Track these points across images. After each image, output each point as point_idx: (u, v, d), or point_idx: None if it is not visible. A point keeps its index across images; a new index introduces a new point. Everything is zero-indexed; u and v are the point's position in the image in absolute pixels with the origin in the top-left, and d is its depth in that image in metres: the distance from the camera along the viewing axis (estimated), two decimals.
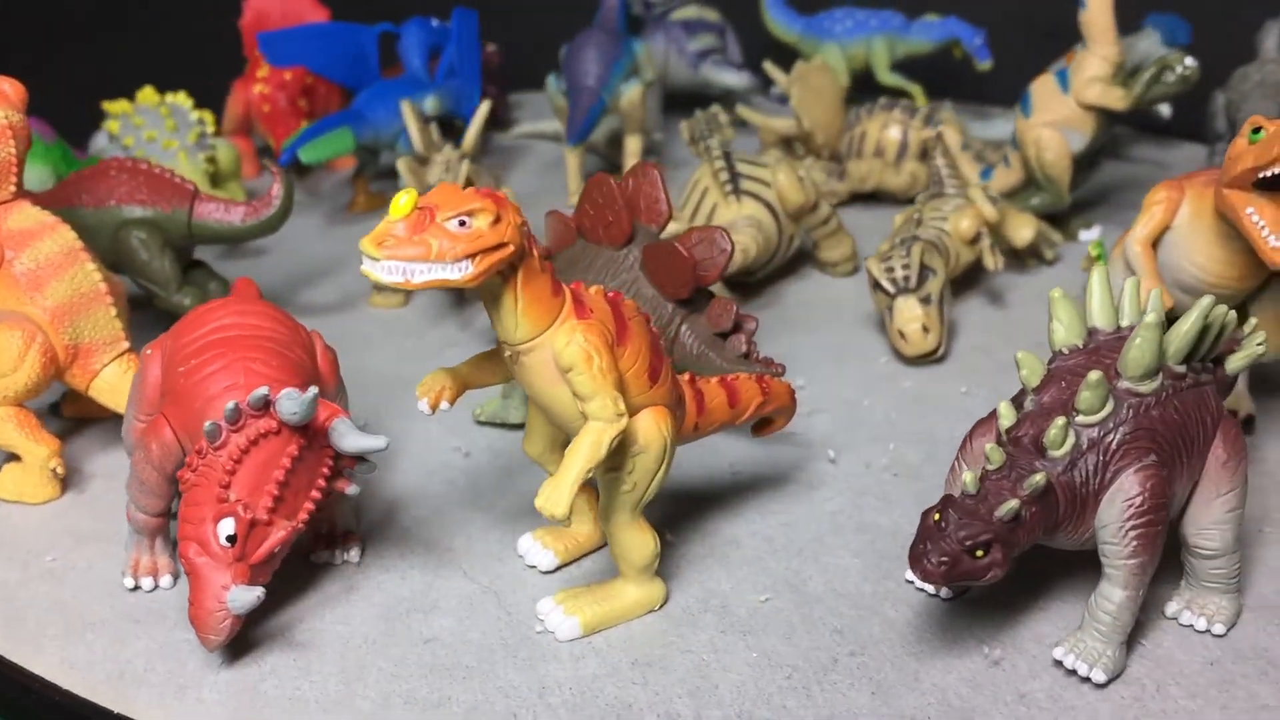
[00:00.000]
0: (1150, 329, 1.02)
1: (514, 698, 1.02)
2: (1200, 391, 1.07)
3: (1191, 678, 1.04)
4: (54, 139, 1.77)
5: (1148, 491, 1.01)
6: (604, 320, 1.01)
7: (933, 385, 1.51)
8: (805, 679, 1.04)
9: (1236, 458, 1.07)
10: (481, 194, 0.94)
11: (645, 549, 1.09)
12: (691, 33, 2.40)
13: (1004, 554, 0.99)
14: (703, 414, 1.13)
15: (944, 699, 1.02)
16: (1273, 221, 1.21)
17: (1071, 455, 1.02)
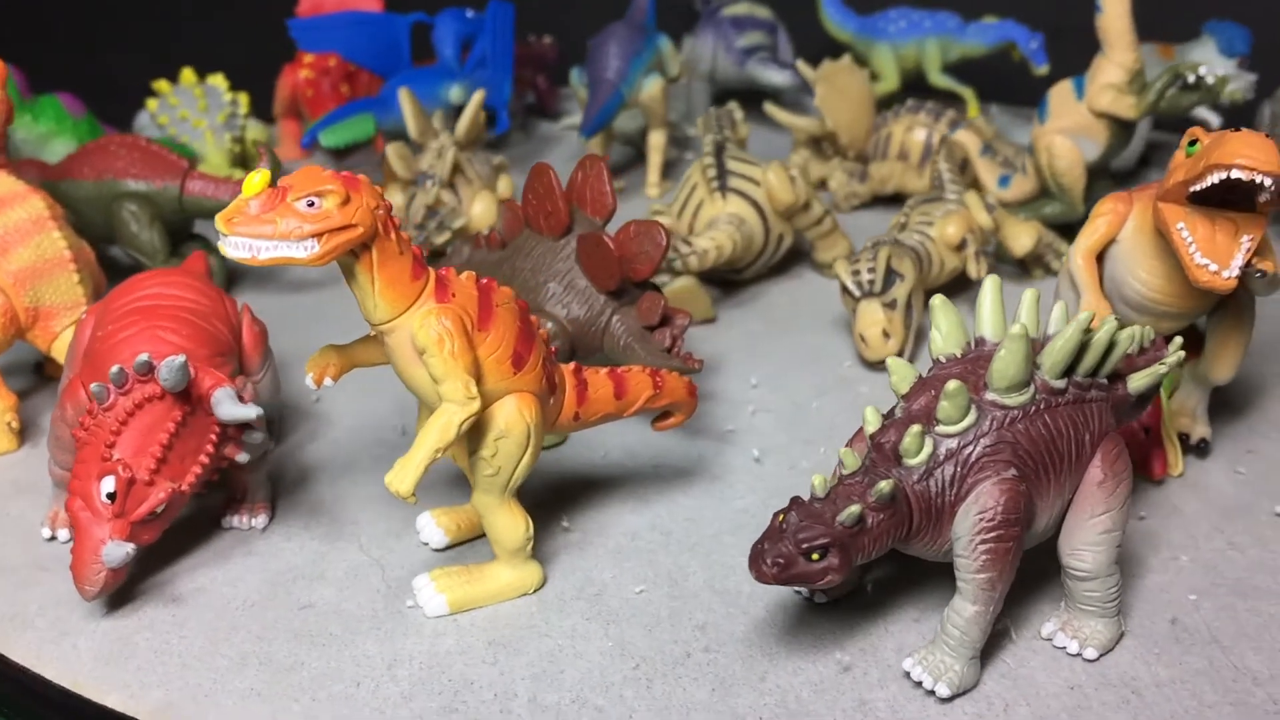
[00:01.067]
0: (1016, 341, 0.99)
1: (364, 667, 1.05)
2: (1083, 408, 1.04)
3: (1045, 700, 1.01)
4: (83, 114, 1.86)
5: (1000, 506, 0.99)
6: (465, 306, 1.03)
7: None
8: (651, 671, 1.04)
9: (1114, 479, 1.04)
10: (334, 176, 0.97)
11: (516, 532, 1.11)
12: (740, 29, 2.40)
13: (842, 559, 0.98)
14: (584, 404, 1.14)
15: (782, 700, 1.01)
16: (1204, 239, 1.16)
17: (928, 464, 1.00)
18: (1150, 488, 1.29)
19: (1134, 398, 1.11)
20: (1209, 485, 1.29)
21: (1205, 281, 1.15)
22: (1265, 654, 1.06)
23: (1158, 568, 1.17)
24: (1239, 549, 1.19)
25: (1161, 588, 1.14)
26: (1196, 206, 1.17)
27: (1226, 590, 1.14)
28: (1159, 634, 1.09)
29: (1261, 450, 1.35)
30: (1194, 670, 1.04)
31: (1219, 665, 1.05)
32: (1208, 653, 1.06)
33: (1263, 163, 1.10)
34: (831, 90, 2.02)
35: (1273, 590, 1.13)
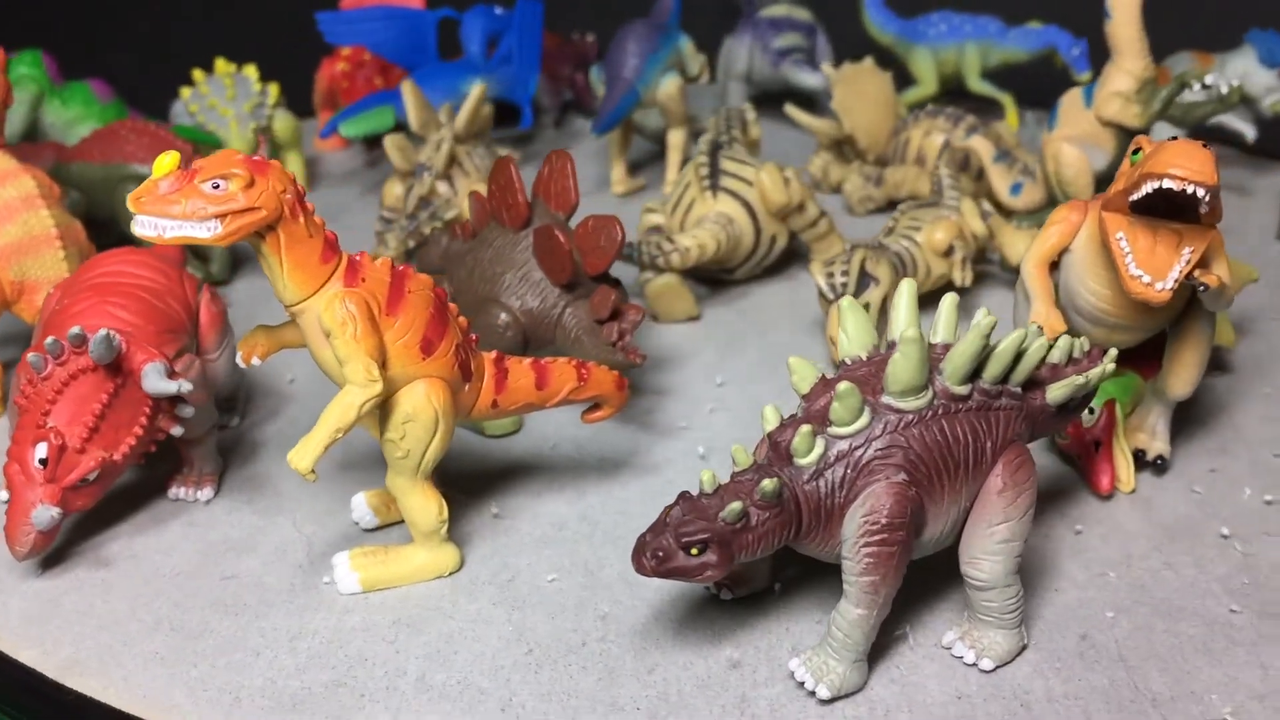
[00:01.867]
0: (909, 345, 0.99)
1: (267, 638, 1.08)
2: (987, 416, 1.03)
3: (929, 708, 1.00)
4: (111, 100, 1.93)
5: (886, 509, 0.98)
6: (374, 291, 1.06)
7: None
8: (543, 657, 1.06)
9: (1015, 489, 1.02)
10: (242, 161, 1.00)
11: (428, 515, 1.13)
12: (778, 31, 2.39)
13: (722, 556, 0.98)
14: (502, 392, 1.16)
15: (664, 693, 1.02)
16: (1143, 250, 1.13)
17: (818, 465, 1.00)
18: (1095, 502, 1.26)
19: (1053, 408, 1.10)
20: (1160, 503, 1.26)
21: (1138, 293, 1.12)
22: (1171, 676, 1.03)
23: (1083, 583, 1.15)
24: (1174, 569, 1.16)
25: (1081, 603, 1.12)
26: (1140, 217, 1.14)
27: (1149, 610, 1.11)
28: (1065, 649, 1.07)
29: (1227, 470, 1.32)
30: (1092, 687, 1.02)
31: (1119, 684, 1.03)
32: (1111, 671, 1.04)
33: (1195, 173, 1.07)
34: (850, 92, 2.01)
35: (1197, 613, 1.10)
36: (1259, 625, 1.09)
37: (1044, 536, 1.22)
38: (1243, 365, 1.52)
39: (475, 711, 1.00)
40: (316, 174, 2.20)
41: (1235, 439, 1.37)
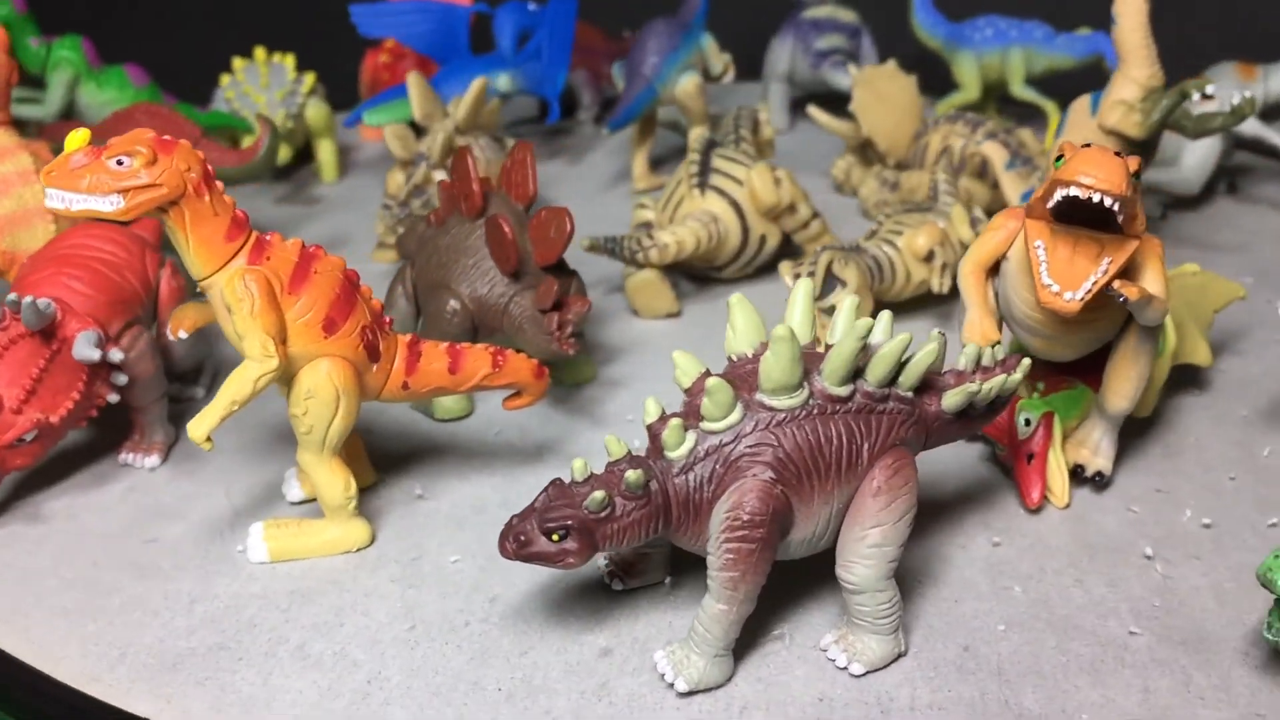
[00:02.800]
0: (780, 343, 0.98)
1: (170, 600, 1.13)
2: (869, 418, 1.02)
3: (784, 707, 1.00)
4: (145, 84, 2.02)
5: (747, 506, 0.98)
6: (278, 270, 1.09)
7: None
8: (422, 634, 1.08)
9: (890, 493, 1.01)
10: (149, 139, 1.05)
11: (335, 489, 1.16)
12: (820, 32, 2.38)
13: (583, 544, 1.00)
14: (414, 375, 1.18)
15: (530, 676, 1.03)
16: (1061, 259, 1.11)
17: (688, 459, 1.00)
18: (1023, 515, 1.24)
19: (950, 415, 1.08)
20: (1092, 520, 1.23)
21: (1047, 302, 1.10)
22: (1045, 694, 1.01)
23: (985, 594, 1.13)
24: (1084, 587, 1.14)
25: (976, 614, 1.10)
26: (1064, 226, 1.12)
27: (1044, 626, 1.09)
28: (944, 659, 1.05)
29: (1174, 491, 1.28)
30: (960, 698, 1.01)
31: (990, 698, 1.01)
32: (985, 684, 1.02)
33: (1103, 181, 1.05)
34: (869, 94, 1.99)
35: (1094, 632, 1.08)
36: (1155, 649, 1.06)
37: (960, 547, 1.20)
38: (1227, 386, 1.47)
39: (342, 682, 1.03)
40: (352, 162, 2.27)
41: (1194, 460, 1.33)
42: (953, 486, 1.29)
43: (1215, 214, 2.02)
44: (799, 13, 2.42)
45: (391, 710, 1.00)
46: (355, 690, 1.02)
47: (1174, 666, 1.04)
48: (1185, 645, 1.06)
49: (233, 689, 1.02)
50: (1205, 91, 1.61)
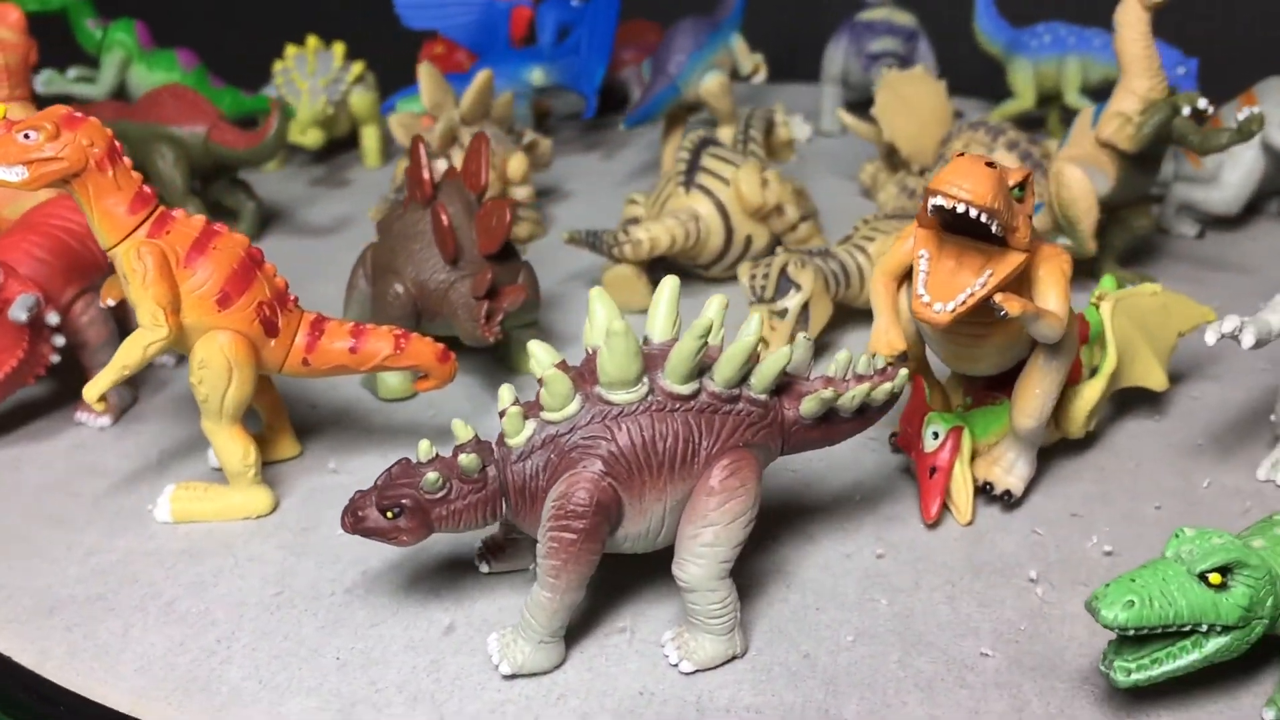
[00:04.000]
0: (613, 338, 0.99)
1: (70, 550, 1.19)
2: (712, 417, 1.02)
3: (602, 697, 1.01)
4: (194, 67, 2.12)
5: (572, 496, 0.99)
6: (175, 244, 1.15)
7: None
8: (285, 600, 1.12)
9: (724, 494, 1.01)
10: (56, 115, 1.12)
11: (234, 456, 1.21)
12: (874, 34, 2.35)
13: (417, 523, 1.02)
14: (313, 352, 1.23)
15: (371, 649, 1.06)
16: (944, 270, 1.08)
17: (526, 447, 1.02)
18: (918, 529, 1.22)
19: (809, 420, 1.07)
20: (989, 539, 1.20)
21: (918, 313, 1.08)
22: (869, 706, 1.00)
23: (850, 604, 1.11)
24: (953, 605, 1.11)
25: (831, 623, 1.09)
26: (952, 236, 1.09)
27: (895, 640, 1.07)
28: (781, 664, 1.04)
29: (1090, 516, 1.24)
30: (780, 704, 1.00)
31: (811, 706, 1.00)
32: (811, 692, 1.01)
33: (968, 191, 1.02)
34: (893, 99, 1.96)
35: (945, 651, 1.05)
36: (1002, 672, 1.03)
37: (845, 555, 1.18)
38: (1192, 413, 1.41)
39: (194, 639, 1.08)
40: (398, 149, 2.33)
41: (1125, 487, 1.28)
42: (859, 494, 1.27)
43: (1258, 235, 1.93)
44: (855, 15, 2.39)
45: (228, 669, 1.04)
46: (203, 648, 1.07)
47: (1013, 691, 1.01)
48: (1034, 671, 1.03)
49: (93, 637, 1.08)
50: (1197, 106, 1.54)
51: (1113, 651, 0.97)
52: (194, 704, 1.00)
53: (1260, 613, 0.95)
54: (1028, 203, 1.08)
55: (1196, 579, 0.94)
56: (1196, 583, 0.94)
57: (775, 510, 1.25)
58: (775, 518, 1.24)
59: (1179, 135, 1.60)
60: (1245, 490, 1.27)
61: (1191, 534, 0.97)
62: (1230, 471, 1.30)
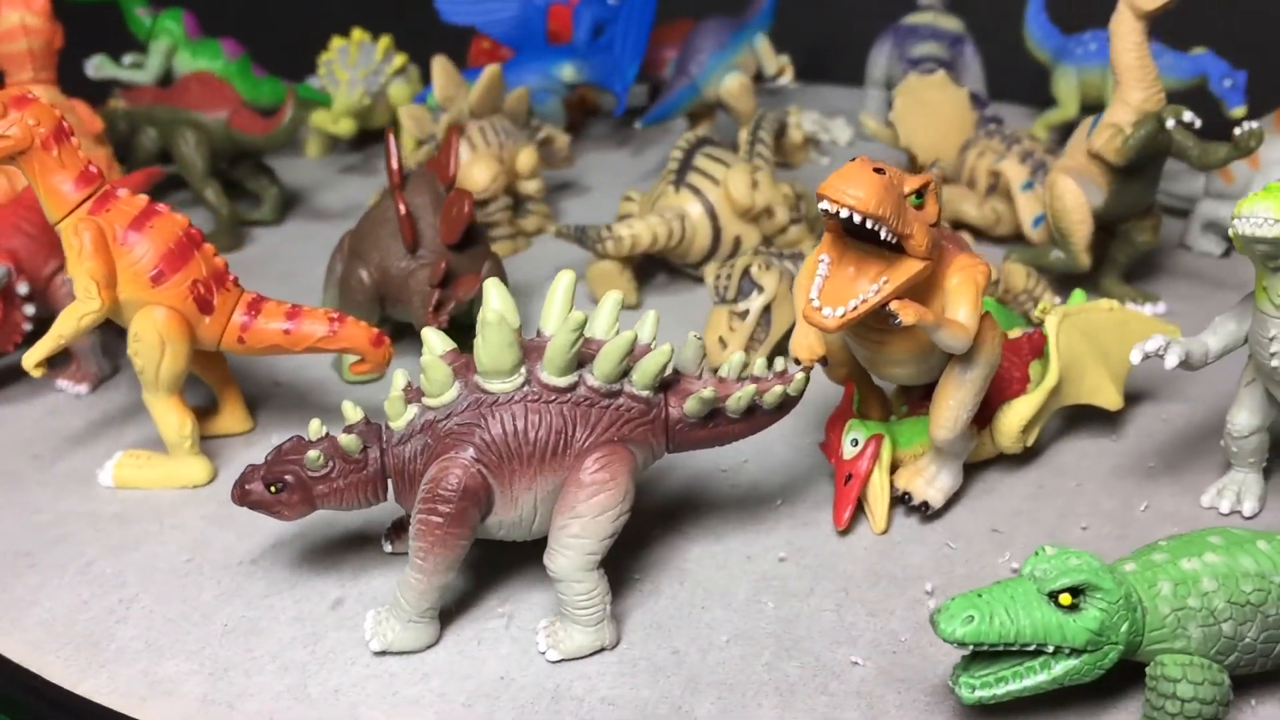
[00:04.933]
0: (488, 328, 1.01)
1: (16, 508, 1.26)
2: (589, 410, 1.04)
3: (462, 679, 1.03)
4: (238, 57, 2.19)
5: (440, 481, 1.02)
6: (114, 221, 1.20)
7: None
8: (194, 568, 1.17)
9: (593, 487, 1.02)
10: (7, 98, 1.18)
11: (170, 427, 1.27)
12: (917, 39, 2.31)
13: (299, 498, 1.06)
14: (249, 331, 1.27)
15: (258, 617, 1.10)
16: (846, 275, 1.07)
17: (406, 430, 1.05)
18: (829, 535, 1.21)
19: (693, 419, 1.08)
20: (899, 550, 1.19)
21: (807, 316, 1.07)
22: (723, 707, 1.00)
23: (737, 605, 1.11)
24: (840, 614, 1.10)
25: (712, 623, 1.09)
26: (855, 241, 1.09)
27: (771, 643, 1.07)
28: (648, 659, 1.05)
29: (1010, 533, 1.21)
30: (635, 699, 1.01)
31: (666, 702, 1.00)
32: (670, 689, 1.02)
33: (852, 196, 1.01)
34: (911, 105, 1.93)
35: (817, 657, 1.05)
36: (867, 681, 1.02)
37: (747, 558, 1.18)
38: (1151, 434, 1.37)
39: (99, 599, 1.13)
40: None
41: (1058, 505, 1.26)
42: (781, 498, 1.27)
43: None
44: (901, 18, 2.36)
45: (121, 629, 1.09)
46: (105, 608, 1.12)
47: (873, 701, 1.00)
48: (901, 683, 1.02)
49: (9, 591, 1.14)
50: (1183, 118, 1.48)
51: (961, 667, 0.96)
52: (79, 658, 1.06)
53: (1113, 637, 0.93)
54: (928, 210, 1.07)
55: (1046, 598, 0.92)
56: (1046, 602, 0.92)
57: (691, 508, 1.25)
58: (690, 516, 1.24)
59: (1177, 149, 1.55)
60: (1182, 516, 1.23)
61: (1051, 552, 0.95)
62: (1174, 496, 1.26)
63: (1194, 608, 0.94)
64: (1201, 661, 0.94)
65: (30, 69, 1.70)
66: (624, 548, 1.19)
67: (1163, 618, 0.94)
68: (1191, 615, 0.94)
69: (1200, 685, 0.93)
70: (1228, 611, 0.95)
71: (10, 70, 1.71)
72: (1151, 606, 0.94)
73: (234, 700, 1.01)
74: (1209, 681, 0.93)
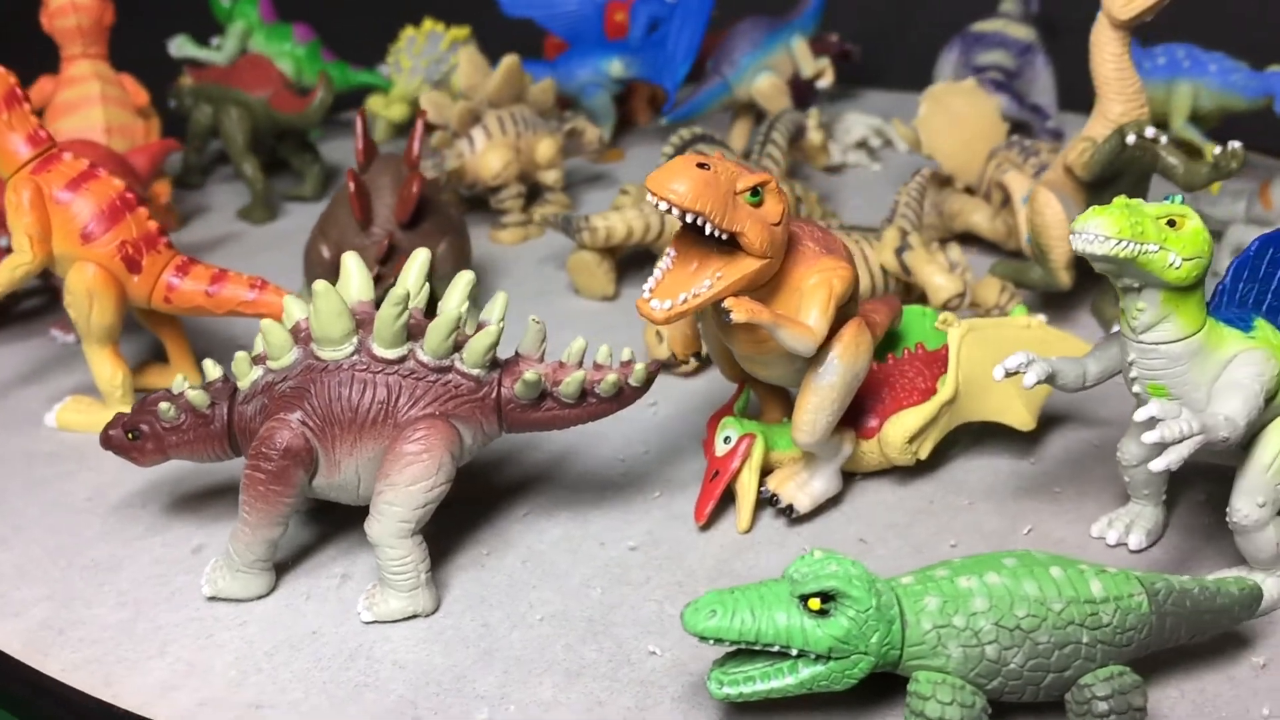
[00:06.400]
0: (318, 298, 1.07)
1: None
2: (416, 383, 1.08)
3: (277, 630, 1.08)
4: (308, 42, 2.30)
5: (266, 440, 1.08)
6: (54, 181, 1.30)
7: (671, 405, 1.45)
8: (86, 507, 1.26)
9: (406, 458, 1.06)
10: None
11: (103, 376, 1.36)
12: (984, 47, 2.26)
13: (154, 447, 1.14)
14: (175, 292, 1.35)
15: (123, 557, 1.18)
16: (686, 270, 1.07)
17: (250, 390, 1.11)
18: (689, 529, 1.21)
19: (523, 400, 1.10)
20: (754, 552, 1.19)
21: (639, 309, 1.08)
22: (501, 680, 1.02)
23: (567, 588, 1.13)
24: (663, 606, 1.11)
25: (535, 603, 1.11)
26: (699, 236, 1.09)
27: (581, 627, 1.08)
28: (454, 629, 1.08)
29: (876, 545, 1.19)
30: (426, 664, 1.04)
31: (452, 669, 1.03)
32: (461, 658, 1.04)
33: (670, 191, 1.02)
34: (936, 111, 1.90)
35: (619, 645, 1.06)
36: (659, 671, 1.03)
37: (600, 544, 1.20)
38: (1073, 458, 1.32)
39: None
40: None
41: (938, 522, 1.23)
42: (661, 490, 1.27)
43: None
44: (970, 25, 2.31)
45: (1, 554, 1.18)
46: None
47: (651, 690, 1.01)
48: (689, 676, 1.02)
49: None
50: (1143, 133, 1.41)
51: (719, 663, 0.95)
52: None
53: (861, 647, 0.91)
54: (767, 209, 1.07)
55: (797, 601, 0.92)
56: (795, 605, 0.92)
57: (570, 492, 1.27)
58: (566, 499, 1.26)
59: (1163, 167, 1.49)
60: (1067, 543, 1.19)
61: (819, 556, 0.94)
62: (1069, 523, 1.22)
63: (958, 627, 0.92)
64: (954, 681, 0.91)
65: (80, 44, 1.84)
66: (485, 523, 1.23)
67: (923, 633, 0.92)
68: (954, 634, 0.92)
69: (948, 705, 0.90)
70: (993, 634, 0.92)
71: (62, 44, 1.85)
72: (914, 621, 0.92)
73: (66, 627, 1.09)
74: (957, 703, 0.90)
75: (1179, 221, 1.00)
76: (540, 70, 2.19)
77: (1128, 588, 0.95)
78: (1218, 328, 1.04)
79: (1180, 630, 0.97)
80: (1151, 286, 1.01)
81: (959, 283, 1.53)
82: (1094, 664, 0.93)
